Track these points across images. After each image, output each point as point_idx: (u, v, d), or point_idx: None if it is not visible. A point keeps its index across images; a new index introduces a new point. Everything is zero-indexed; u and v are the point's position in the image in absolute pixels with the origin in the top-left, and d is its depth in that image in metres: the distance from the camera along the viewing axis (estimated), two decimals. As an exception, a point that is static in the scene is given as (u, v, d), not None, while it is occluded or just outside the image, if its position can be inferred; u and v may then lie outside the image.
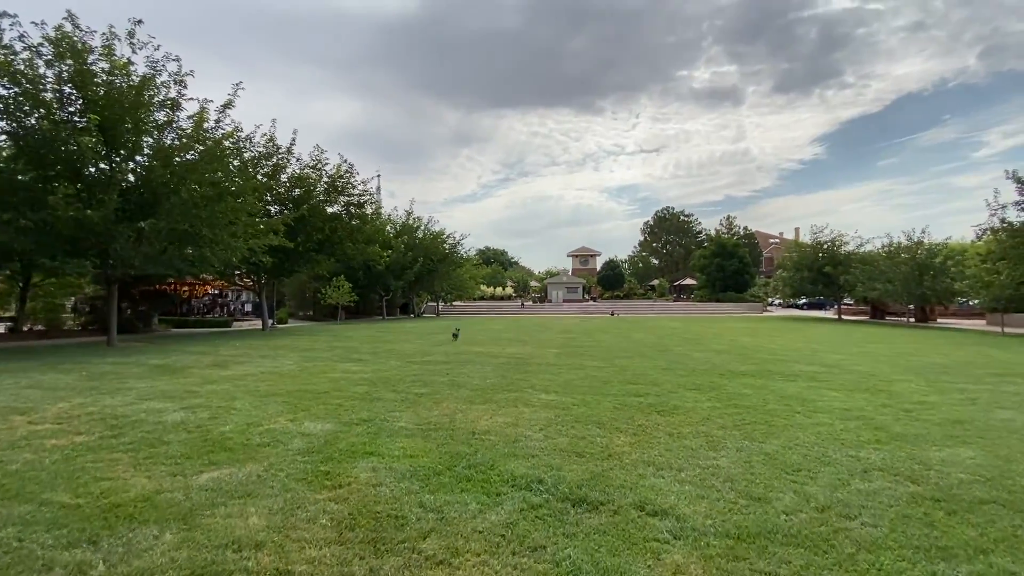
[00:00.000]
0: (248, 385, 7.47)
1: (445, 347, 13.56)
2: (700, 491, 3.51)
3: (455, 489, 3.47)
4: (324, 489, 3.45)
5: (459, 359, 10.92)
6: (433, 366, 9.76)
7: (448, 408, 6.02)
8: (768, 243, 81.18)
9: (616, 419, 5.58)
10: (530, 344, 14.70)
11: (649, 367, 9.91)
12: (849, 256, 34.44)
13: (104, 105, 11.93)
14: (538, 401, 6.48)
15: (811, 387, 7.88)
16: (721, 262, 53.83)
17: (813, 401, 6.77)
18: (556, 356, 11.73)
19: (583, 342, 15.49)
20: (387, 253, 29.44)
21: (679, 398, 6.82)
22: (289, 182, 20.28)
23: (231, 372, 8.81)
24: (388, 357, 11.24)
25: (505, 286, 64.09)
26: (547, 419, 5.53)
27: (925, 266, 27.96)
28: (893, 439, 4.94)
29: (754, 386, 7.91)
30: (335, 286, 26.94)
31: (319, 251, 21.65)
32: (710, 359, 11.32)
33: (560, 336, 17.89)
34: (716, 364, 10.47)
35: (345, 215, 22.26)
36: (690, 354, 12.31)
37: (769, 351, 13.34)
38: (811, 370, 9.80)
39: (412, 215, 34.79)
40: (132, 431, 4.87)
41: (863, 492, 3.55)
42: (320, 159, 20.83)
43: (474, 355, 11.70)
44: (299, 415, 5.56)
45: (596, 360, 10.97)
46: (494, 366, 9.85)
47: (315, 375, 8.52)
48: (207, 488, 3.43)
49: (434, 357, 11.23)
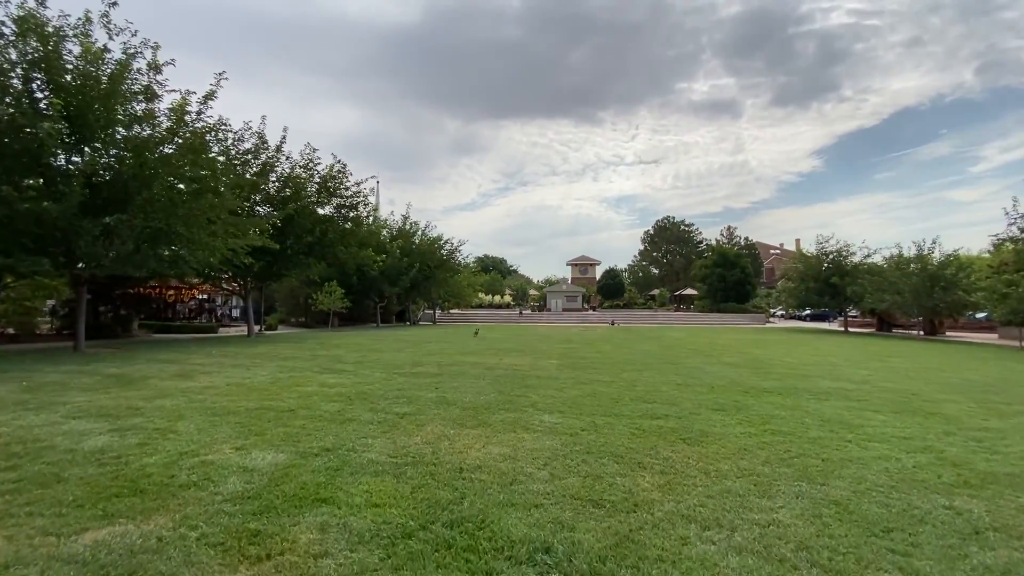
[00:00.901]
0: (205, 401, 6.46)
1: (438, 357, 12.56)
2: (770, 568, 2.53)
3: (429, 564, 2.48)
4: (244, 562, 2.46)
5: (451, 371, 9.92)
6: (422, 379, 8.76)
7: (432, 433, 5.03)
8: (769, 254, 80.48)
9: (635, 450, 4.60)
10: (529, 354, 13.71)
11: (661, 382, 8.93)
12: (856, 267, 33.61)
13: (74, 92, 11.02)
14: (540, 424, 5.49)
15: (850, 408, 6.91)
16: (723, 272, 52.94)
17: (860, 426, 5.80)
18: (558, 368, 10.74)
19: (585, 353, 14.50)
20: (381, 258, 28.47)
21: (704, 421, 5.84)
22: (279, 182, 19.32)
23: (192, 384, 7.80)
24: (374, 367, 10.24)
25: (503, 294, 63.11)
26: (552, 449, 4.54)
27: (936, 277, 27.10)
28: (985, 481, 3.96)
29: (785, 406, 6.94)
30: (327, 291, 25.90)
31: (309, 254, 20.66)
32: (726, 373, 10.35)
33: (561, 346, 16.91)
34: (734, 379, 9.49)
35: (337, 217, 21.27)
36: (703, 367, 11.34)
37: (786, 364, 12.37)
38: (840, 387, 8.83)
39: (408, 219, 33.89)
40: (31, 463, 3.87)
41: (994, 571, 2.57)
42: (312, 159, 19.91)
43: (468, 366, 10.70)
44: (249, 441, 4.57)
45: (602, 373, 9.98)
46: (490, 379, 8.85)
47: (286, 388, 7.51)
48: (76, 560, 2.43)
49: (424, 368, 10.24)
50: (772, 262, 77.35)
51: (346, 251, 21.88)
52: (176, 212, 12.00)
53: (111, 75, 11.74)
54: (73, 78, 11.34)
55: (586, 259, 72.94)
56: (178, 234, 12.20)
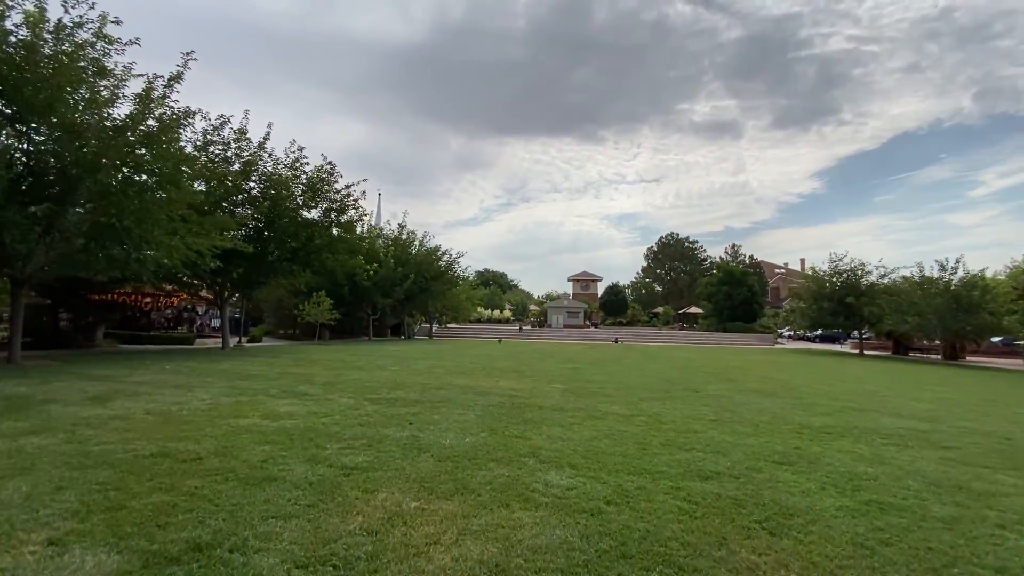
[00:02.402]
0: (89, 441, 4.78)
1: (424, 377, 10.89)
2: None
3: None
4: None
5: (435, 396, 8.25)
6: (397, 407, 7.09)
7: (384, 507, 3.36)
8: (774, 273, 79.00)
9: (696, 547, 2.93)
10: (529, 376, 12.03)
11: (691, 417, 7.25)
12: (871, 286, 32.02)
13: (9, 62, 9.57)
14: (545, 491, 3.82)
15: (950, 462, 5.24)
16: (729, 290, 51.32)
17: (992, 495, 4.14)
18: (563, 395, 9.07)
19: (593, 376, 12.80)
20: (373, 267, 26.87)
21: (773, 485, 4.18)
22: (261, 181, 17.78)
23: (99, 412, 6.13)
24: (344, 391, 8.57)
25: (503, 309, 61.42)
26: (566, 548, 2.87)
27: (960, 298, 25.49)
28: None
29: (864, 457, 5.28)
30: (314, 302, 24.25)
31: (293, 261, 19.05)
32: (762, 405, 8.67)
33: (564, 367, 15.21)
34: (776, 414, 7.82)
35: (325, 222, 19.66)
36: (731, 396, 9.66)
37: (824, 394, 10.69)
38: (910, 427, 7.15)
39: (405, 228, 32.39)
40: None
41: None
42: (299, 158, 18.39)
43: (457, 390, 9.03)
44: (86, 525, 2.89)
45: (616, 403, 8.30)
46: (481, 409, 7.18)
47: (216, 420, 5.85)
48: None
49: (404, 393, 8.57)
50: (777, 281, 75.83)
51: (334, 258, 20.25)
52: (128, 206, 10.45)
53: (58, 51, 10.31)
54: (15, 50, 9.91)
55: (588, 275, 71.37)
56: (128, 231, 10.61)
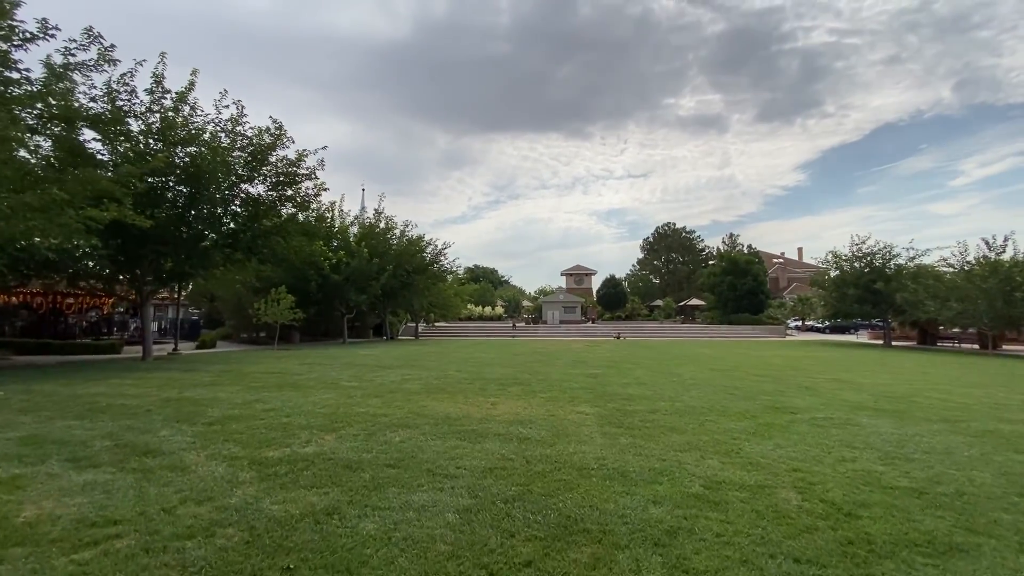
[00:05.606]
0: None
1: (384, 400, 7.31)
2: None
3: None
4: None
5: (390, 448, 4.68)
6: (299, 488, 3.53)
7: None
8: (772, 263, 76.44)
9: None
10: (539, 392, 8.47)
11: (857, 478, 3.78)
12: (900, 270, 28.99)
13: None
14: None
15: None
16: (733, 281, 48.21)
17: None
18: (602, 428, 5.56)
19: (624, 388, 9.30)
20: (340, 255, 23.11)
21: None
22: (177, 140, 13.33)
23: None
24: (230, 439, 4.97)
25: (495, 305, 57.80)
26: None
27: (1015, 280, 22.44)
28: None
29: None
30: (271, 300, 20.42)
31: (234, 247, 15.25)
32: (936, 443, 5.26)
33: (579, 373, 11.67)
34: (1006, 468, 4.40)
35: (274, 197, 15.75)
36: (857, 420, 6.23)
37: (941, 404, 7.31)
38: None
39: (383, 215, 28.47)
40: None
41: None
42: (235, 117, 14.46)
43: (430, 429, 5.48)
44: None
45: (699, 448, 4.81)
46: (467, 488, 3.65)
47: None
48: None
49: (340, 436, 5.00)
50: (776, 271, 73.31)
51: (286, 243, 16.39)
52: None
53: None
54: None
55: (581, 268, 67.91)
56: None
